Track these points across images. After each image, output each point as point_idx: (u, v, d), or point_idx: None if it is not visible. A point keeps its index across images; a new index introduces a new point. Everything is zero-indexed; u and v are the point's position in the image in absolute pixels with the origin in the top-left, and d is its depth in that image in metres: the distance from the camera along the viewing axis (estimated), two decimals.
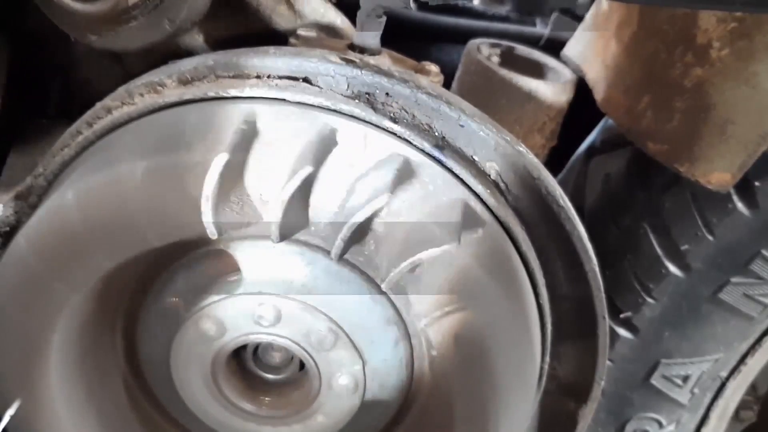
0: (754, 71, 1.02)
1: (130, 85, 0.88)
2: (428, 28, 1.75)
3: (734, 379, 1.27)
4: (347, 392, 0.87)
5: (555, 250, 0.89)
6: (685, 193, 1.16)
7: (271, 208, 0.75)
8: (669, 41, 1.10)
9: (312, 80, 0.84)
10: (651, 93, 1.13)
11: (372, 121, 0.82)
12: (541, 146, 1.27)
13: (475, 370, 0.81)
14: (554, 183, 0.88)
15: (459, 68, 1.29)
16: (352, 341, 0.84)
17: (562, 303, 0.92)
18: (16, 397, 0.85)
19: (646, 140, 1.13)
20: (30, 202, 0.90)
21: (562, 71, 1.29)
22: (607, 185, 1.30)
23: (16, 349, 0.84)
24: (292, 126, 0.80)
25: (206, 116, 0.81)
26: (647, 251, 1.20)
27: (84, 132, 0.87)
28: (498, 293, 0.80)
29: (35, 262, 0.80)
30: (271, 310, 0.83)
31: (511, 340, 0.81)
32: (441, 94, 0.86)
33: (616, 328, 1.22)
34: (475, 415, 0.82)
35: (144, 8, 0.94)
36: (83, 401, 0.89)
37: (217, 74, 0.85)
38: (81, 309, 0.83)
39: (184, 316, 0.85)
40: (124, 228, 0.77)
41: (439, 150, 0.83)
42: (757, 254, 1.15)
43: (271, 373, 0.93)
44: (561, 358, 0.96)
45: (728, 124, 1.05)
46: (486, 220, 0.81)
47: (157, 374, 0.92)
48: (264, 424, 0.92)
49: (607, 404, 1.28)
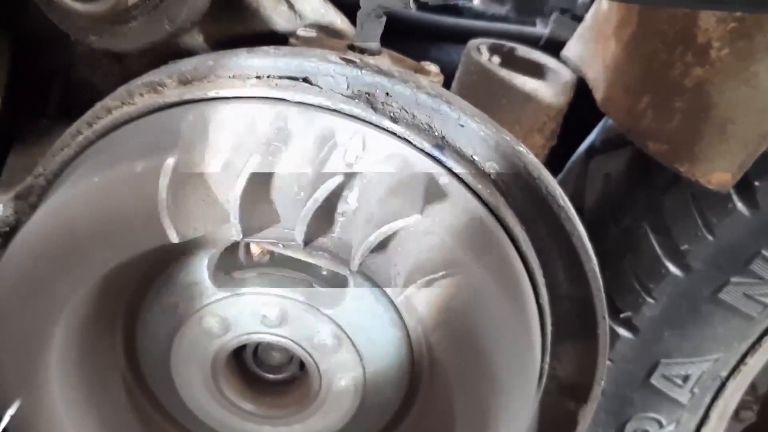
0: (754, 71, 1.02)
1: (130, 85, 0.88)
2: (428, 28, 1.75)
3: (734, 379, 1.27)
4: (347, 393, 0.87)
5: (555, 250, 0.89)
6: (685, 193, 1.16)
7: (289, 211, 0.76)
8: (669, 41, 1.10)
9: (312, 80, 0.84)
10: (651, 93, 1.13)
11: (372, 121, 0.82)
12: (541, 146, 1.27)
13: (475, 370, 0.81)
14: (554, 183, 0.88)
15: (459, 68, 1.29)
16: (354, 342, 0.84)
17: (562, 303, 0.92)
18: (16, 397, 0.85)
19: (646, 140, 1.13)
20: (30, 202, 0.90)
21: (562, 71, 1.29)
22: (607, 185, 1.30)
23: (17, 349, 0.84)
24: (300, 126, 0.80)
25: (206, 116, 0.81)
26: (647, 251, 1.20)
27: (84, 132, 0.87)
28: (499, 293, 0.80)
29: (35, 262, 0.80)
30: (277, 310, 0.83)
31: (511, 339, 0.81)
32: (441, 94, 0.86)
33: (616, 328, 1.22)
34: (475, 415, 0.82)
35: (144, 8, 0.94)
36: (83, 401, 0.89)
37: (217, 74, 0.85)
38: (81, 309, 0.83)
39: (186, 313, 0.85)
40: (124, 228, 0.77)
41: (439, 150, 0.83)
42: (757, 254, 1.15)
43: (271, 373, 0.93)
44: (561, 358, 0.96)
45: (728, 124, 1.05)
46: (452, 191, 0.81)
47: (157, 374, 0.92)
48: (263, 424, 0.92)
49: (607, 404, 1.28)
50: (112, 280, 0.81)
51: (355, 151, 0.79)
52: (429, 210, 0.77)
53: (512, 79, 1.21)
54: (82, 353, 0.86)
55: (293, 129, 0.79)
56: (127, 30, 0.96)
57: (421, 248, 0.77)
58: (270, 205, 0.77)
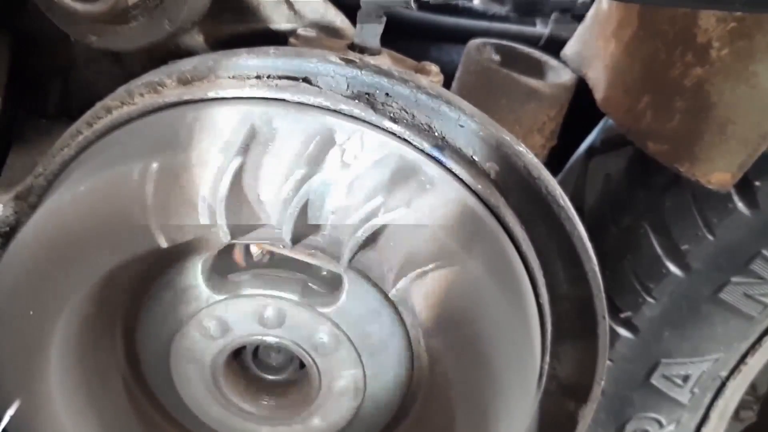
0: (754, 71, 1.02)
1: (130, 85, 0.88)
2: (428, 28, 1.75)
3: (734, 378, 1.27)
4: (347, 393, 0.87)
5: (555, 250, 0.89)
6: (686, 193, 1.16)
7: (277, 211, 0.76)
8: (669, 41, 1.10)
9: (312, 80, 0.84)
10: (651, 93, 1.13)
11: (372, 122, 0.82)
12: (541, 146, 1.27)
13: (475, 370, 0.81)
14: (554, 183, 0.87)
15: (459, 68, 1.29)
16: (353, 343, 0.84)
17: (562, 303, 0.92)
18: (16, 397, 0.85)
19: (646, 140, 1.13)
20: (30, 202, 0.90)
21: (562, 71, 1.29)
22: (608, 185, 1.30)
23: (17, 349, 0.84)
24: (291, 127, 0.80)
25: (206, 116, 0.81)
26: (647, 251, 1.20)
27: (84, 132, 0.87)
28: (497, 290, 0.80)
29: (35, 263, 0.80)
30: (275, 311, 0.83)
31: (511, 339, 0.81)
32: (441, 94, 0.86)
33: (616, 328, 1.22)
34: (475, 415, 0.82)
35: (144, 8, 0.94)
36: (83, 401, 0.89)
37: (217, 74, 0.85)
38: (81, 309, 0.83)
39: (184, 316, 0.85)
40: (124, 228, 0.77)
41: (439, 150, 0.83)
42: (758, 254, 1.15)
43: (270, 374, 0.93)
44: (561, 358, 0.96)
45: (728, 124, 1.05)
46: (440, 183, 0.81)
47: (157, 374, 0.92)
48: (263, 425, 0.92)
49: (607, 404, 1.28)
50: (112, 281, 0.81)
51: (354, 150, 0.79)
52: (416, 202, 0.77)
53: (512, 79, 1.21)
54: (82, 353, 0.86)
55: (287, 128, 0.79)
56: (127, 30, 0.96)
57: (410, 241, 0.77)
58: (260, 206, 0.77)
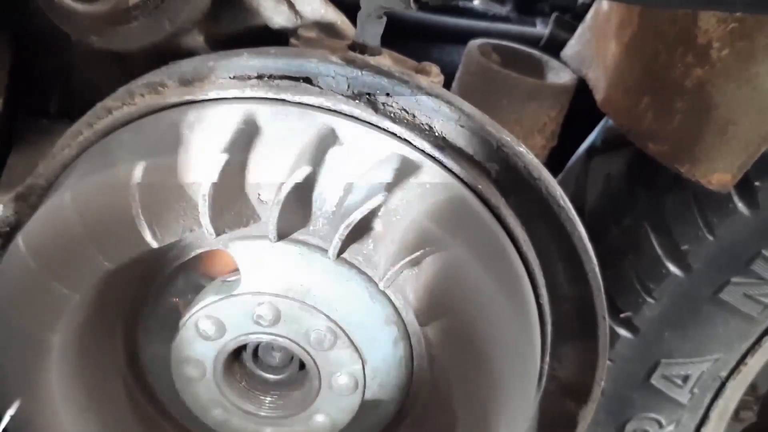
0: (755, 72, 1.02)
1: (131, 85, 0.88)
2: (428, 29, 1.75)
3: (734, 379, 1.27)
4: (348, 391, 0.87)
5: (555, 250, 0.89)
6: (686, 193, 1.16)
7: (268, 208, 0.76)
8: (669, 42, 1.10)
9: (312, 81, 0.84)
10: (651, 94, 1.13)
11: (372, 122, 0.82)
12: (541, 146, 1.27)
13: (475, 370, 0.81)
14: (554, 183, 0.88)
15: (459, 68, 1.29)
16: (351, 340, 0.84)
17: (562, 303, 0.92)
18: (16, 397, 0.85)
19: (646, 141, 1.13)
20: (30, 203, 0.90)
21: (562, 72, 1.29)
22: (608, 185, 1.30)
23: (17, 350, 0.84)
24: (291, 126, 0.80)
25: (206, 117, 0.81)
26: (648, 251, 1.20)
27: (84, 132, 0.87)
28: (496, 290, 0.80)
29: (35, 263, 0.80)
30: (270, 309, 0.83)
31: (511, 339, 0.81)
32: (441, 94, 0.86)
33: (616, 328, 1.22)
34: (475, 415, 0.82)
35: (144, 8, 0.95)
36: (83, 401, 0.89)
37: (217, 75, 0.85)
38: (81, 309, 0.83)
39: (184, 316, 0.85)
40: (124, 228, 0.77)
41: (439, 150, 0.83)
42: (758, 254, 1.15)
43: (271, 373, 0.93)
44: (561, 358, 0.96)
45: (729, 125, 1.05)
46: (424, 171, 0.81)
47: (157, 374, 0.92)
48: (264, 424, 0.92)
49: (607, 404, 1.28)
50: (112, 282, 0.81)
51: (354, 151, 0.79)
52: (399, 191, 0.77)
53: (513, 80, 1.21)
54: (83, 353, 0.86)
55: (288, 129, 0.79)
56: (127, 30, 0.96)
57: (396, 230, 0.77)
58: (246, 203, 0.77)
